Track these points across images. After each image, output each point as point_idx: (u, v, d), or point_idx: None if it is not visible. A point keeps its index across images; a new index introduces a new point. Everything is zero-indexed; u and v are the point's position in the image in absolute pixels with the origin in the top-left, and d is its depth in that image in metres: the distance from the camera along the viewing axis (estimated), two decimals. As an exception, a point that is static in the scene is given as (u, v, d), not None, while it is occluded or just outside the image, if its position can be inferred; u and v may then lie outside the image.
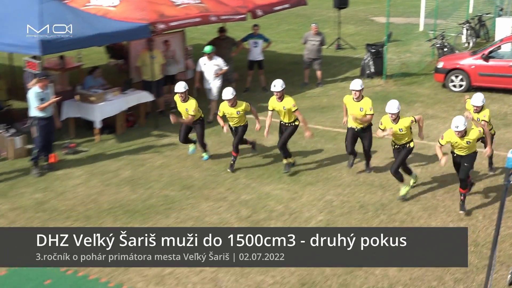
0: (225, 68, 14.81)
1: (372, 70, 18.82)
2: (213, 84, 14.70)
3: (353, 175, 11.91)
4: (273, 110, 11.71)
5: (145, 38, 14.49)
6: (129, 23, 13.97)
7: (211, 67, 14.57)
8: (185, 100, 11.92)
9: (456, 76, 17.45)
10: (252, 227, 9.60)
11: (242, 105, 11.75)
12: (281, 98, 11.40)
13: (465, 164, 10.21)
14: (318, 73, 18.05)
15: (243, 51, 17.26)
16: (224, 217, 10.24)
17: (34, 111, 11.86)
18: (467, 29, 23.05)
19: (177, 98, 12.10)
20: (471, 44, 22.67)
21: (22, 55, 13.39)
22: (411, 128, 10.60)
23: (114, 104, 13.89)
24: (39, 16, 12.51)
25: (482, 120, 10.75)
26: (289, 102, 11.39)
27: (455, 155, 10.35)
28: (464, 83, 17.35)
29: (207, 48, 14.60)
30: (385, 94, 17.28)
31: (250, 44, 17.16)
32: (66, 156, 12.70)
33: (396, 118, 10.28)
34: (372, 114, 11.30)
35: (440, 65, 17.91)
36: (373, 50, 18.88)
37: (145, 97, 14.56)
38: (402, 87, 18.09)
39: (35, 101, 11.81)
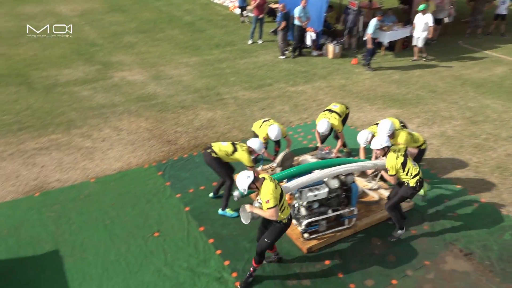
0: (431, 24, 11.74)
1: None
2: (421, 34, 11.96)
3: (557, 103, 9.67)
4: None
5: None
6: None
7: (421, 21, 11.88)
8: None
9: None
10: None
11: None
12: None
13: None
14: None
15: (493, 6, 14.47)
16: (454, 114, 9.23)
17: (367, 35, 11.18)
18: None
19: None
20: None
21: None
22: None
23: (397, 33, 12.83)
24: None
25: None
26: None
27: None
28: None
29: (421, 7, 11.89)
30: None
31: (499, 2, 14.27)
32: (361, 61, 12.34)
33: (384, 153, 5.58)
34: None
35: None
36: None
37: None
38: None
39: (372, 28, 11.09)
